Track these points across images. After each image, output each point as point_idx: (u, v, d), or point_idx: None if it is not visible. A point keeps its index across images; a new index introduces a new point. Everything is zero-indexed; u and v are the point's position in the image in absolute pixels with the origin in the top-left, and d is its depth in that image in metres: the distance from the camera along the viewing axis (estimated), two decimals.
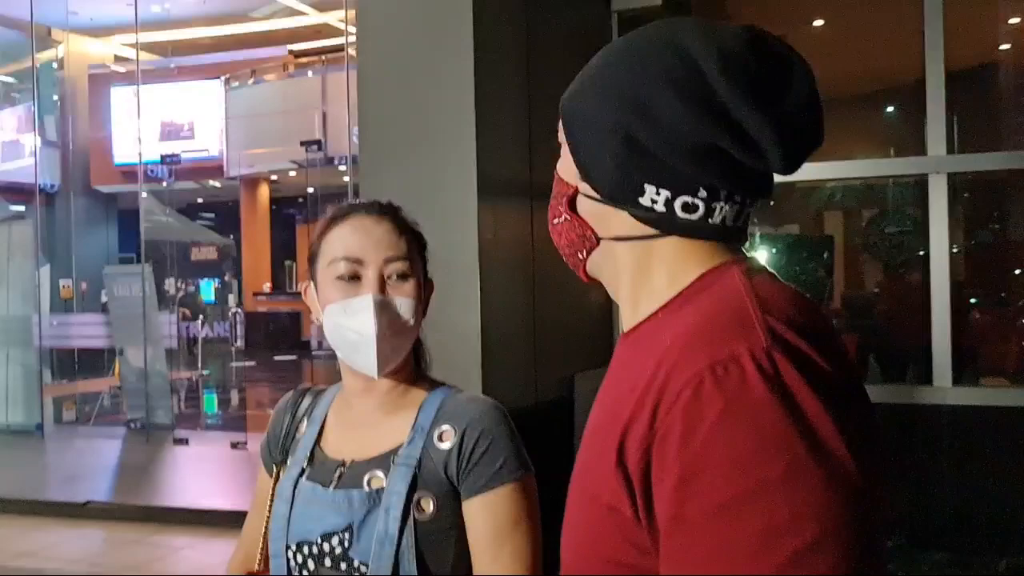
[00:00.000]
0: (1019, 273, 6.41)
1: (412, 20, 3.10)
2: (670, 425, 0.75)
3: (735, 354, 0.74)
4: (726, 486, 0.70)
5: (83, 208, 19.61)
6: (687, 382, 0.74)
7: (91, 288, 17.51)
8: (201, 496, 7.12)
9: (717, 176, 0.85)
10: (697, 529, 0.71)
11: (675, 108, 0.83)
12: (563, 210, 0.96)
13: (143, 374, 9.78)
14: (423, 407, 1.34)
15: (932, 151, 3.72)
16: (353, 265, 1.31)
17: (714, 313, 0.81)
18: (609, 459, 0.80)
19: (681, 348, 0.78)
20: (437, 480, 1.28)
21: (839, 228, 7.24)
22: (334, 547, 1.28)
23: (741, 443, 0.71)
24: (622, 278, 0.94)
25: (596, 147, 0.89)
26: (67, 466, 8.42)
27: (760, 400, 0.72)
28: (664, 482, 0.74)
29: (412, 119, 3.08)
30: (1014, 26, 6.09)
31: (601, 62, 0.92)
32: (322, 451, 1.38)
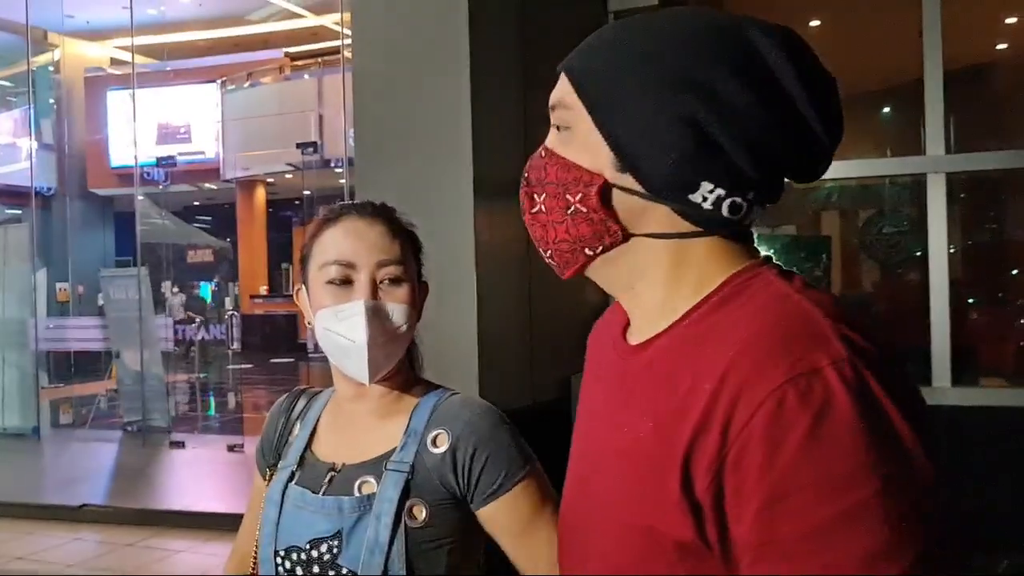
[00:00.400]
0: (1017, 273, 6.41)
1: (407, 22, 3.09)
2: (747, 444, 0.70)
3: (816, 366, 0.70)
4: (821, 507, 0.66)
5: (79, 211, 19.59)
6: (765, 398, 0.69)
7: (87, 291, 17.50)
8: (198, 499, 7.10)
9: (767, 176, 0.83)
10: (794, 554, 0.67)
11: (749, 100, 0.79)
12: (574, 200, 0.87)
13: (139, 377, 9.77)
14: (416, 411, 1.31)
15: (930, 151, 3.71)
16: (345, 269, 1.28)
17: (777, 322, 0.76)
18: (669, 490, 0.75)
19: (751, 362, 0.72)
20: (431, 487, 1.25)
21: (836, 228, 7.23)
22: (323, 553, 1.25)
23: (833, 461, 0.67)
24: (647, 278, 0.89)
25: (651, 138, 0.82)
26: (63, 469, 8.40)
27: (849, 415, 0.68)
28: (746, 505, 0.70)
29: (408, 121, 3.07)
30: (1011, 25, 6.09)
31: (646, 46, 0.84)
32: (313, 454, 1.35)
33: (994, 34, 6.08)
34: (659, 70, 0.82)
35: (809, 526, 0.67)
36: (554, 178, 0.89)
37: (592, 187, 0.86)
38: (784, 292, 0.80)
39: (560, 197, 0.88)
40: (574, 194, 0.87)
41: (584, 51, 0.90)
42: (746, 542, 0.70)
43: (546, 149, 0.92)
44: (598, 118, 0.86)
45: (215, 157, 20.29)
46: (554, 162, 0.90)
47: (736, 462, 0.70)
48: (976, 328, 5.46)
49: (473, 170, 2.89)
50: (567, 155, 0.89)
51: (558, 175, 0.89)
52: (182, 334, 11.88)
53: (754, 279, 0.84)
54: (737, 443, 0.70)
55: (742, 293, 0.82)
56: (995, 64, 6.48)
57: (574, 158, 0.88)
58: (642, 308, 0.91)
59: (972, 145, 4.27)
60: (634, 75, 0.83)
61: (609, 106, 0.84)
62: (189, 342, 12.45)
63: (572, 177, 0.87)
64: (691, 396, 0.76)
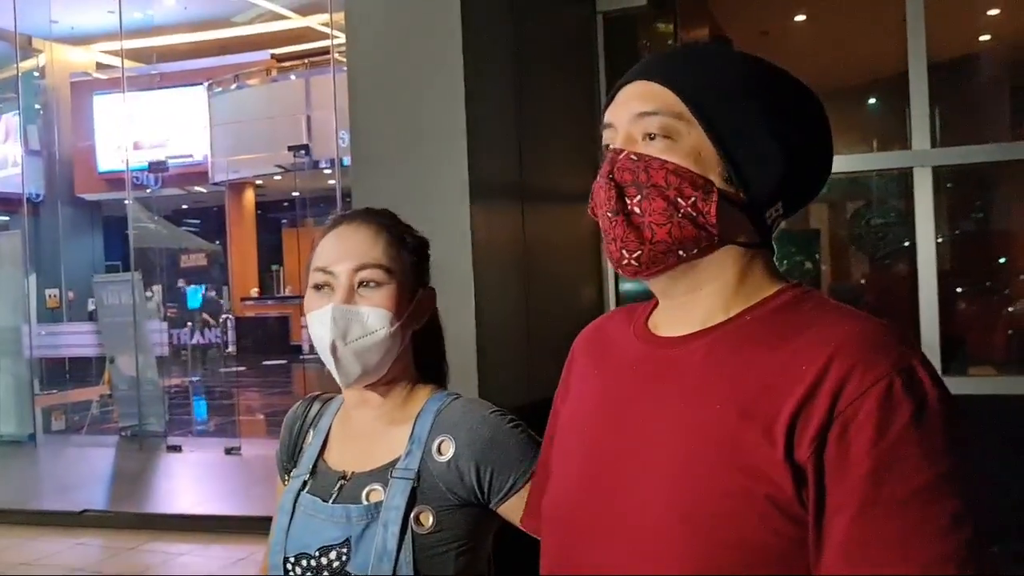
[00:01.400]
0: (1004, 262, 6.47)
1: (401, 23, 3.12)
2: (854, 419, 0.84)
3: (912, 363, 0.86)
4: (921, 474, 0.82)
5: (68, 217, 19.50)
6: (875, 381, 0.84)
7: (78, 297, 17.44)
8: (197, 502, 7.12)
9: (801, 196, 1.01)
10: (895, 510, 0.82)
11: (813, 134, 0.98)
12: (686, 204, 0.94)
13: (134, 382, 9.77)
14: (419, 417, 1.33)
15: (916, 145, 3.76)
16: (324, 275, 1.31)
17: (870, 327, 0.90)
18: (771, 452, 0.86)
19: (858, 353, 0.86)
20: (437, 494, 1.27)
21: (825, 221, 7.29)
22: (332, 561, 1.27)
23: (931, 439, 0.83)
24: (718, 282, 0.99)
25: (760, 155, 0.95)
26: (62, 475, 8.41)
27: (939, 404, 0.85)
28: (852, 469, 0.83)
29: (403, 123, 3.09)
30: (994, 17, 6.15)
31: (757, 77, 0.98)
32: (325, 463, 1.38)
33: (977, 26, 6.13)
34: (773, 101, 0.96)
35: (910, 489, 0.81)
36: (662, 181, 0.94)
37: (712, 193, 0.94)
38: (853, 309, 0.95)
39: (668, 200, 0.94)
40: (687, 198, 0.94)
41: (685, 69, 0.98)
42: (847, 500, 0.83)
43: (638, 153, 0.96)
44: (717, 133, 0.95)
45: (204, 160, 20.24)
46: (659, 166, 0.95)
47: (842, 432, 0.84)
48: (964, 317, 5.51)
49: (469, 171, 2.92)
50: (675, 159, 0.95)
51: (668, 179, 0.94)
52: (177, 338, 11.88)
53: (809, 295, 0.99)
54: (844, 416, 0.84)
55: (804, 303, 0.97)
56: (978, 56, 6.54)
57: (689, 164, 0.95)
58: (700, 307, 0.99)
59: (957, 137, 4.33)
60: (750, 104, 0.95)
61: (728, 123, 0.95)
62: (183, 346, 12.43)
63: (687, 183, 0.94)
64: (788, 376, 0.88)
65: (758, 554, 0.87)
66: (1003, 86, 6.70)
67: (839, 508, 0.84)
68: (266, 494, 7.00)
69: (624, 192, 0.96)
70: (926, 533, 0.81)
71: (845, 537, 0.83)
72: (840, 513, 0.84)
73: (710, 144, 0.94)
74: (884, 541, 0.82)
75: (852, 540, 0.83)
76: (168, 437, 9.48)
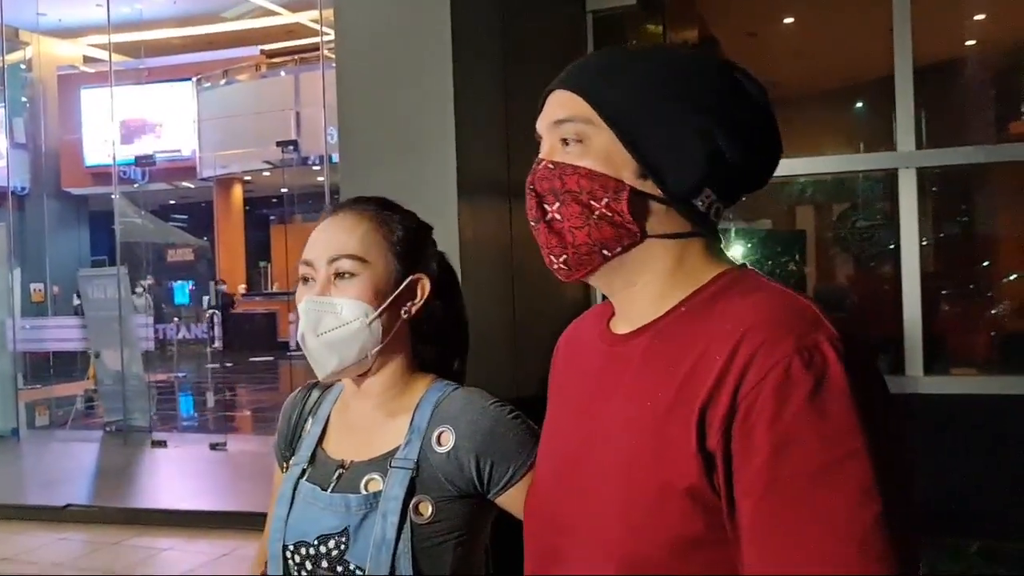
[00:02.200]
0: (987, 265, 6.52)
1: (390, 21, 3.12)
2: (756, 402, 0.84)
3: (817, 341, 0.85)
4: (822, 453, 0.81)
5: (54, 211, 19.39)
6: (775, 364, 0.84)
7: (63, 292, 17.35)
8: (182, 498, 7.10)
9: (746, 184, 1.02)
10: (796, 490, 0.81)
11: (744, 123, 0.98)
12: (599, 205, 0.97)
13: (119, 377, 9.73)
14: (419, 407, 1.32)
15: (902, 146, 3.79)
16: (305, 267, 1.31)
17: (782, 308, 0.90)
18: (687, 443, 0.87)
19: (762, 336, 0.86)
20: (436, 484, 1.27)
21: (811, 222, 7.33)
22: (331, 549, 1.27)
23: (832, 417, 0.82)
24: (648, 276, 1.00)
25: (675, 149, 0.96)
26: (45, 470, 8.37)
27: (842, 381, 0.83)
28: (755, 453, 0.83)
29: (391, 120, 3.10)
30: (980, 22, 6.20)
31: (667, 76, 0.99)
32: (323, 451, 1.37)
33: (963, 31, 6.18)
34: (683, 96, 0.97)
35: (808, 469, 0.81)
36: (574, 186, 0.98)
37: (622, 193, 0.97)
38: (780, 288, 0.96)
39: (582, 203, 0.98)
40: (599, 200, 0.97)
41: (593, 75, 1.01)
42: (751, 485, 0.84)
43: (555, 161, 1.00)
44: (625, 133, 0.97)
45: (191, 155, 20.17)
46: (572, 172, 0.98)
47: (745, 417, 0.84)
48: (947, 319, 5.56)
49: (457, 169, 2.93)
50: (589, 165, 0.98)
51: (580, 184, 0.98)
52: (163, 333, 11.83)
53: (743, 277, 0.99)
54: (746, 401, 0.84)
55: (735, 286, 0.97)
56: (964, 60, 6.59)
57: (599, 167, 0.98)
58: (639, 301, 1.01)
59: (941, 139, 4.37)
60: (660, 99, 0.97)
61: (635, 123, 0.97)
62: (168, 341, 12.38)
63: (598, 185, 0.97)
64: (703, 365, 0.89)
65: (691, 549, 0.88)
66: (988, 90, 6.76)
67: (745, 494, 0.84)
68: (251, 489, 6.99)
69: (544, 200, 1.01)
70: (826, 514, 0.80)
71: (750, 523, 0.84)
72: (745, 499, 0.84)
73: (619, 143, 0.97)
74: (784, 525, 0.82)
75: (755, 524, 0.84)
76: (153, 432, 9.45)
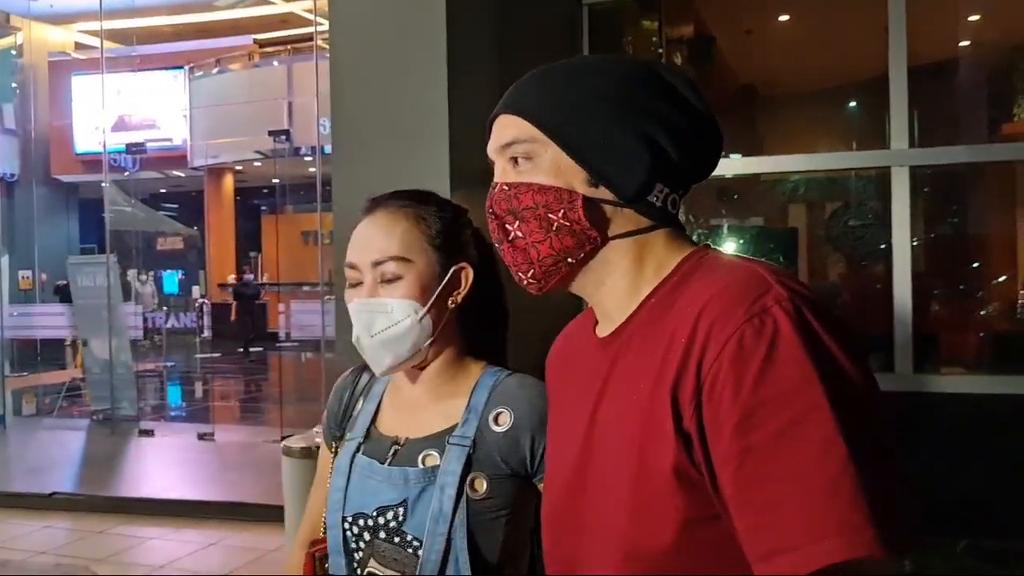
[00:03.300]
0: (977, 266, 6.55)
1: (385, 12, 3.11)
2: (718, 375, 0.86)
3: (766, 306, 0.87)
4: (782, 412, 0.83)
5: (43, 198, 19.33)
6: (728, 336, 0.86)
7: (51, 279, 17.29)
8: (169, 487, 7.08)
9: (694, 173, 1.05)
10: (766, 453, 0.83)
11: (680, 120, 1.02)
12: (557, 217, 1.01)
13: (108, 365, 9.69)
14: (476, 389, 1.37)
15: (895, 144, 3.80)
16: (352, 271, 1.36)
17: (733, 281, 0.93)
18: (666, 428, 0.90)
19: (715, 311, 0.89)
20: (491, 462, 1.31)
21: (803, 220, 7.34)
22: (388, 521, 1.32)
23: (786, 378, 0.84)
24: (616, 274, 1.04)
25: (619, 154, 1.00)
26: (31, 458, 8.33)
27: (793, 338, 0.85)
28: (724, 424, 0.86)
29: (385, 110, 3.09)
30: (974, 23, 6.22)
31: (600, 86, 1.03)
32: (377, 429, 1.42)
33: (957, 32, 6.20)
34: (619, 104, 1.01)
35: (775, 429, 0.83)
36: (530, 202, 1.03)
37: (575, 202, 1.01)
38: (733, 261, 1.00)
39: (541, 218, 1.02)
40: (556, 212, 1.01)
41: (532, 95, 1.06)
42: (726, 456, 0.86)
43: (509, 182, 1.05)
44: (570, 145, 1.02)
45: (182, 144, 20.10)
46: (526, 189, 1.03)
47: (711, 392, 0.87)
48: (937, 318, 5.58)
49: (450, 159, 2.92)
50: (540, 181, 1.03)
51: (535, 199, 1.02)
52: (152, 322, 11.79)
53: (705, 258, 1.02)
54: (710, 376, 0.87)
55: (698, 269, 1.00)
56: (957, 61, 6.60)
57: (550, 181, 1.02)
58: (612, 299, 1.05)
59: (935, 139, 4.38)
60: (599, 108, 1.02)
61: (578, 134, 1.02)
62: (157, 330, 12.35)
63: (552, 198, 1.02)
64: (670, 349, 0.92)
65: (691, 529, 0.90)
66: (980, 91, 6.78)
67: (722, 467, 0.86)
68: (239, 480, 6.98)
69: (504, 221, 1.05)
70: (794, 469, 0.82)
71: (732, 493, 0.86)
72: (723, 471, 0.86)
73: (566, 156, 1.02)
74: (760, 487, 0.84)
75: (736, 493, 0.85)
76: (141, 421, 9.42)
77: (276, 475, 3.46)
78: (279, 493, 3.34)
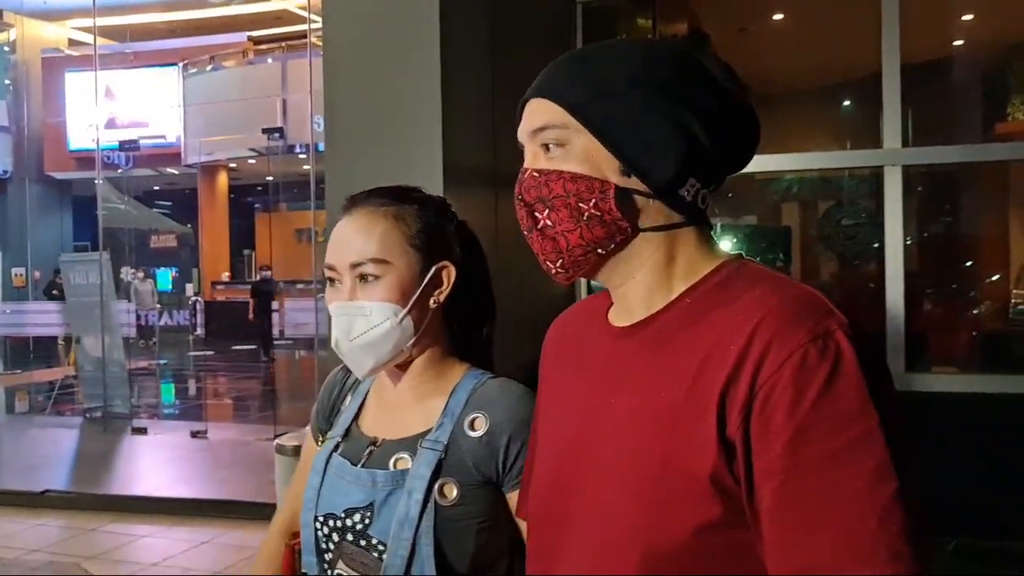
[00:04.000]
0: (970, 265, 6.56)
1: (378, 10, 3.11)
2: (775, 389, 0.86)
3: (830, 329, 0.88)
4: (838, 435, 0.84)
5: (36, 195, 19.27)
6: (791, 352, 0.86)
7: (44, 276, 17.25)
8: (162, 485, 7.07)
9: (727, 168, 1.03)
10: (816, 472, 0.84)
11: (715, 107, 0.99)
12: (588, 207, 0.98)
13: (100, 363, 9.67)
14: (454, 392, 1.34)
15: (888, 144, 3.80)
16: (331, 272, 1.33)
17: (793, 298, 0.92)
18: (707, 434, 0.90)
19: (776, 326, 0.89)
20: (463, 468, 1.28)
21: (796, 219, 7.35)
22: (356, 523, 1.30)
23: (846, 401, 0.85)
24: (645, 268, 1.01)
25: (653, 143, 0.97)
26: (24, 455, 8.31)
27: (854, 366, 0.86)
28: (775, 439, 0.86)
29: (378, 108, 3.09)
30: (967, 22, 6.22)
31: (634, 72, 0.99)
32: (358, 427, 1.40)
33: (950, 31, 6.20)
34: (654, 89, 0.98)
35: (827, 451, 0.84)
36: (561, 191, 1.00)
37: (608, 191, 0.98)
38: (784, 278, 0.98)
39: (571, 207, 0.99)
40: (587, 201, 0.99)
41: (565, 78, 1.02)
42: (771, 470, 0.86)
43: (539, 169, 1.02)
44: (602, 132, 0.98)
45: (176, 141, 20.06)
46: (556, 177, 1.00)
47: (763, 405, 0.87)
48: (929, 318, 5.59)
49: (443, 156, 2.92)
50: (571, 168, 1.00)
51: (565, 188, 0.99)
52: (145, 320, 11.76)
53: (744, 267, 1.01)
54: (764, 389, 0.87)
55: (739, 278, 0.99)
56: (951, 60, 6.61)
57: (580, 169, 0.99)
58: (639, 293, 1.03)
59: (927, 139, 4.38)
60: (633, 94, 0.98)
61: (611, 121, 0.98)
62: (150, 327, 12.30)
63: (583, 187, 0.99)
64: (717, 355, 0.91)
65: (712, 532, 0.89)
66: (974, 91, 6.79)
67: (765, 479, 0.86)
68: (231, 477, 6.97)
69: (534, 209, 1.02)
70: (846, 493, 0.83)
71: (772, 506, 0.86)
72: (766, 484, 0.86)
73: (599, 144, 0.99)
74: (805, 505, 0.84)
75: (776, 507, 0.86)
76: (133, 419, 9.40)
77: (269, 473, 3.46)
78: (272, 491, 3.34)
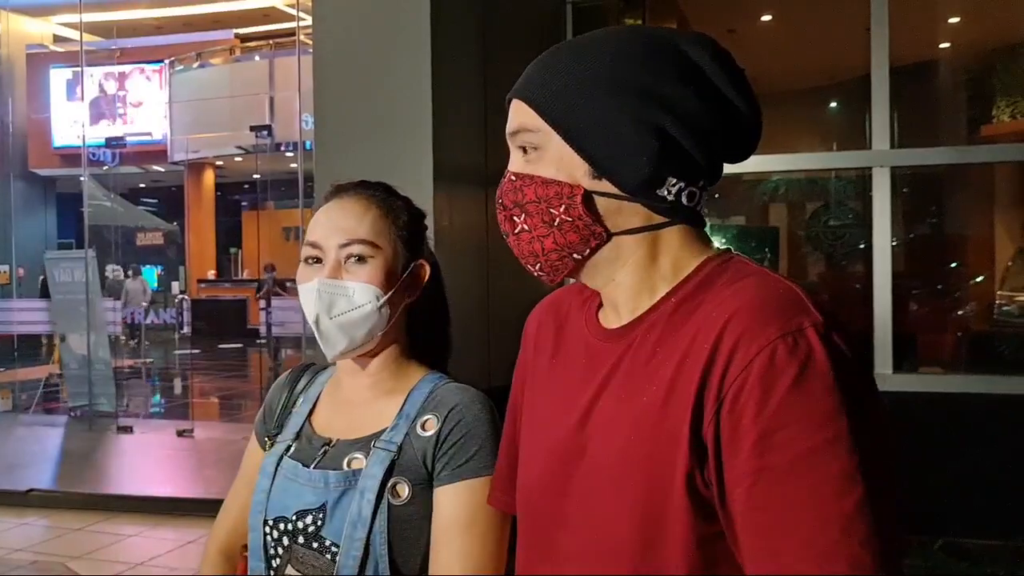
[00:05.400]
0: (956, 266, 6.61)
1: (368, 7, 3.10)
2: (742, 389, 0.83)
3: (801, 327, 0.84)
4: (805, 438, 0.81)
5: (20, 192, 19.13)
6: (759, 350, 0.83)
7: (28, 274, 17.12)
8: (147, 484, 7.03)
9: (714, 164, 0.98)
10: (782, 476, 0.81)
11: (697, 103, 0.94)
12: (559, 212, 0.96)
13: (85, 361, 9.61)
14: (411, 394, 1.34)
15: (876, 145, 3.82)
16: (313, 249, 1.33)
17: (766, 293, 0.89)
18: (681, 436, 0.87)
19: (746, 323, 0.86)
20: (415, 468, 1.28)
21: (784, 220, 7.39)
22: (307, 525, 1.29)
23: (815, 402, 0.81)
24: (626, 270, 0.99)
25: (622, 145, 0.94)
26: (8, 454, 8.24)
27: (826, 365, 0.82)
28: (742, 440, 0.83)
29: (368, 106, 3.08)
30: (954, 25, 6.26)
31: (603, 69, 0.94)
32: (311, 428, 1.39)
33: (938, 33, 6.24)
34: (622, 88, 0.94)
35: (795, 454, 0.81)
36: (533, 196, 0.98)
37: (575, 197, 0.96)
38: (765, 272, 0.95)
39: (543, 213, 0.97)
40: (557, 207, 0.96)
41: (538, 79, 0.99)
42: (741, 472, 0.83)
43: (516, 173, 1.00)
44: (570, 135, 0.95)
45: (162, 138, 19.96)
46: (529, 182, 0.98)
47: (732, 405, 0.84)
48: (916, 318, 5.62)
49: (433, 155, 2.91)
50: (541, 173, 0.98)
51: (537, 193, 0.98)
52: (131, 317, 11.69)
53: (729, 263, 0.97)
54: (733, 388, 0.84)
55: (723, 274, 0.95)
56: (938, 62, 6.65)
57: (550, 175, 0.97)
58: (623, 295, 1.00)
59: (915, 140, 4.41)
60: (600, 95, 0.94)
61: (579, 123, 0.95)
62: (136, 326, 12.24)
63: (553, 192, 0.97)
64: (692, 355, 0.89)
65: (700, 541, 0.88)
66: (961, 93, 6.84)
67: (735, 483, 0.84)
68: (218, 477, 6.93)
69: (512, 213, 1.01)
70: (811, 498, 0.80)
71: (742, 510, 0.84)
72: (736, 488, 0.84)
73: (569, 147, 0.96)
74: (772, 512, 0.82)
75: (748, 514, 0.83)
76: (119, 418, 9.34)
77: None
78: None
